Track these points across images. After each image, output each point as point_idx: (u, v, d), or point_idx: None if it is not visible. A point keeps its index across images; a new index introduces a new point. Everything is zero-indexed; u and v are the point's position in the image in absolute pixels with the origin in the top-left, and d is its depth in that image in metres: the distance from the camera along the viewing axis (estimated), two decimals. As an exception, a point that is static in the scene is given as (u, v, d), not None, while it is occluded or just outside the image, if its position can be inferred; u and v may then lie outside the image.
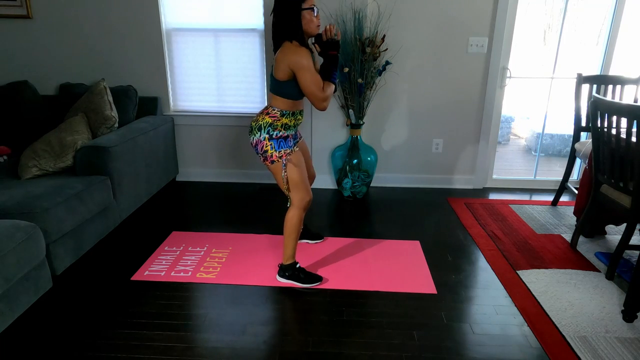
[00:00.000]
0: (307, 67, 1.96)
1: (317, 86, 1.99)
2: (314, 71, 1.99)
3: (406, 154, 3.63)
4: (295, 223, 2.16)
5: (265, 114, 2.10)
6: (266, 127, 2.07)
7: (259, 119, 2.10)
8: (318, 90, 1.99)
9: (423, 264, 2.44)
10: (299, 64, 1.95)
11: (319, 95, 2.00)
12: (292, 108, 2.12)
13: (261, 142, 2.09)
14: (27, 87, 3.12)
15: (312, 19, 2.01)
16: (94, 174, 2.57)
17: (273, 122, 2.08)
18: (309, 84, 1.98)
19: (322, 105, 2.04)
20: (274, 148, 2.07)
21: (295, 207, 2.15)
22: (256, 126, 2.10)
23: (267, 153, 2.09)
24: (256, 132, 2.09)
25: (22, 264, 1.80)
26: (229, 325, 1.93)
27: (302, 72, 1.96)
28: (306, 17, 1.99)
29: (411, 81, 3.43)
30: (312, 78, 1.97)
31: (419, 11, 3.25)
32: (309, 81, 1.97)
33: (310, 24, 2.01)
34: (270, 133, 2.07)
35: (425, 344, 1.82)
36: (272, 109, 2.10)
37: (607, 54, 3.34)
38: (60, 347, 1.79)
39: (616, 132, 2.15)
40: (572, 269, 2.38)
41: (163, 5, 3.34)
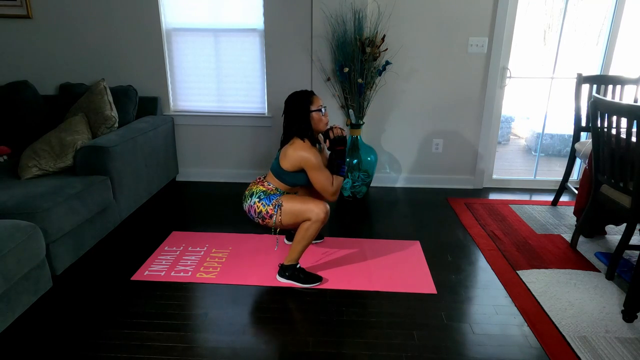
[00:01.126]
0: (318, 166, 2.10)
1: (328, 182, 2.13)
2: (324, 168, 2.14)
3: (406, 154, 3.63)
4: (310, 234, 2.14)
5: (260, 184, 2.20)
6: (257, 193, 2.16)
7: (252, 187, 2.20)
8: (329, 185, 2.13)
9: (423, 264, 2.44)
10: (311, 163, 2.09)
11: (330, 190, 2.14)
12: (288, 191, 2.22)
13: (252, 207, 2.15)
14: (27, 87, 3.12)
15: (320, 119, 2.16)
16: (94, 174, 2.56)
17: (266, 191, 2.16)
18: (321, 181, 2.12)
19: (332, 198, 2.17)
20: (265, 205, 2.13)
21: (313, 220, 2.10)
22: (249, 194, 2.19)
23: (261, 213, 2.14)
24: (248, 199, 2.18)
25: (22, 264, 1.81)
26: (229, 325, 1.93)
27: (314, 171, 2.10)
28: (315, 117, 2.15)
29: (411, 81, 3.43)
30: (324, 175, 2.12)
31: (419, 11, 3.25)
32: (321, 179, 2.12)
33: (319, 123, 2.17)
34: (260, 197, 2.14)
35: (425, 344, 1.82)
36: (267, 183, 2.20)
37: (607, 54, 3.34)
38: (60, 347, 1.79)
39: (616, 132, 2.15)
40: (572, 269, 2.38)
41: (163, 5, 3.34)
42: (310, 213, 2.08)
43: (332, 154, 2.23)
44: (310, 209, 2.08)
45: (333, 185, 2.14)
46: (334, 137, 2.21)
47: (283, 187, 2.20)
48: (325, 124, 2.19)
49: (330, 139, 2.22)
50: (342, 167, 2.20)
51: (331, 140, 2.22)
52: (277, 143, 3.60)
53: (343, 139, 2.21)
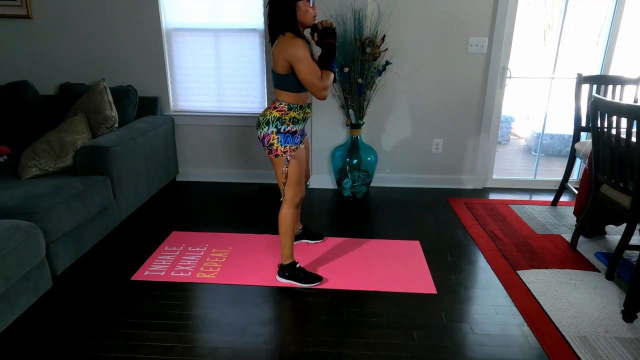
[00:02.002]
0: (304, 58, 1.93)
1: (315, 75, 1.96)
2: (310, 61, 1.96)
3: (406, 154, 3.63)
4: (289, 221, 2.16)
5: (273, 108, 2.08)
6: (274, 121, 2.06)
7: (267, 114, 2.08)
8: (316, 79, 1.97)
9: (423, 264, 2.44)
10: (295, 55, 1.93)
11: (318, 84, 1.97)
12: (299, 101, 2.09)
13: (268, 135, 2.07)
14: (27, 87, 3.12)
15: (307, 10, 1.98)
16: (94, 174, 2.56)
17: (281, 117, 2.06)
18: (307, 74, 1.95)
19: (321, 94, 2.00)
20: (280, 142, 2.06)
21: (288, 203, 2.15)
22: (264, 120, 2.08)
23: (272, 146, 2.07)
24: (264, 126, 2.08)
25: (22, 264, 1.80)
26: (229, 325, 1.93)
27: (298, 63, 1.94)
28: (302, 8, 1.97)
29: (411, 81, 3.43)
30: (310, 68, 1.95)
31: (419, 11, 3.25)
32: (306, 71, 1.95)
33: (306, 15, 1.99)
34: (278, 127, 2.06)
35: (425, 344, 1.82)
36: (279, 103, 2.08)
37: (607, 54, 3.34)
38: (60, 347, 1.79)
39: (616, 132, 2.15)
40: (572, 269, 2.38)
41: (163, 5, 3.34)
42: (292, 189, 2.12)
43: (322, 51, 2.06)
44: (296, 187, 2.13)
45: (322, 80, 1.98)
46: (323, 29, 2.04)
47: (292, 98, 2.06)
48: (313, 17, 2.01)
49: (319, 31, 2.05)
50: (331, 62, 2.04)
51: (319, 32, 2.05)
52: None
53: (332, 31, 2.04)
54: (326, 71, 2.01)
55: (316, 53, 2.15)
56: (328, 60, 2.03)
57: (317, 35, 2.06)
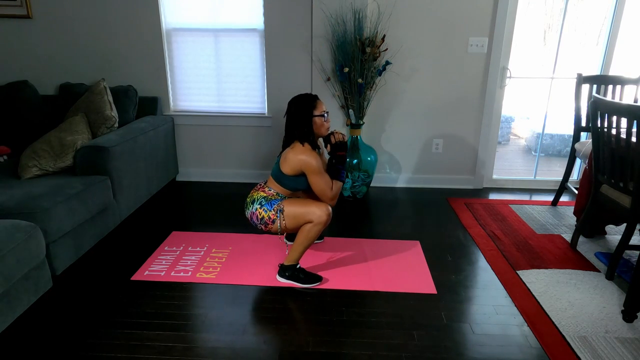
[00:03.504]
0: (318, 170, 2.10)
1: (327, 186, 2.14)
2: (324, 172, 2.14)
3: (406, 154, 3.63)
4: (312, 236, 2.14)
5: (261, 190, 2.19)
6: (259, 199, 2.16)
7: (254, 194, 2.19)
8: (328, 190, 2.14)
9: (423, 264, 2.44)
10: (311, 167, 2.09)
11: (329, 194, 2.15)
12: (289, 196, 2.22)
13: (254, 213, 2.15)
14: (27, 87, 3.12)
15: (322, 124, 2.17)
16: (94, 174, 2.56)
17: (267, 197, 2.16)
18: (321, 185, 2.13)
19: (331, 202, 2.17)
20: (267, 210, 2.13)
21: (315, 223, 2.11)
22: (250, 201, 2.19)
23: (264, 219, 2.14)
24: (249, 206, 2.18)
25: (22, 264, 1.80)
26: (229, 325, 1.93)
27: (314, 174, 2.11)
28: (317, 122, 2.15)
29: (411, 81, 3.43)
30: (323, 179, 2.13)
31: (419, 11, 3.25)
32: (321, 183, 2.12)
33: (321, 128, 2.17)
34: (261, 203, 2.14)
35: (425, 344, 1.82)
36: (268, 189, 2.20)
37: (607, 54, 3.34)
38: (60, 347, 1.79)
39: (616, 132, 2.15)
40: (572, 269, 2.38)
41: (163, 5, 3.34)
42: (312, 215, 2.08)
43: (332, 159, 2.24)
44: (312, 211, 2.08)
45: (332, 190, 2.15)
46: (335, 142, 2.22)
47: (284, 191, 2.20)
48: (327, 129, 2.20)
49: (332, 144, 2.23)
50: (341, 172, 2.22)
51: (332, 146, 2.23)
52: (277, 143, 3.60)
53: (344, 145, 2.23)
54: (336, 181, 2.19)
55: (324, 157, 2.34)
56: (339, 171, 2.22)
57: (330, 147, 2.24)
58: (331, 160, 2.24)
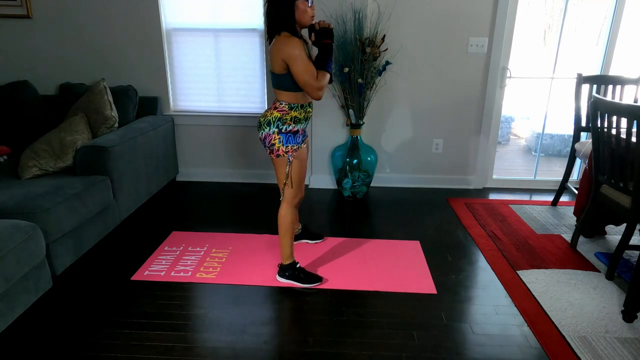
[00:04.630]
0: (299, 57, 1.92)
1: (310, 75, 1.95)
2: (306, 60, 1.95)
3: (406, 154, 3.63)
4: (288, 221, 2.16)
5: (274, 108, 2.07)
6: (275, 121, 2.05)
7: (268, 115, 2.08)
8: (312, 79, 1.95)
9: (423, 264, 2.44)
10: (291, 54, 1.92)
11: (314, 84, 1.96)
12: (300, 100, 2.08)
13: (269, 136, 2.06)
14: (27, 87, 3.12)
15: (306, 9, 1.97)
16: (94, 174, 2.56)
17: (282, 117, 2.05)
18: (302, 73, 1.94)
19: (317, 94, 1.99)
20: (281, 142, 2.06)
21: (287, 203, 2.15)
22: (265, 121, 2.07)
23: (274, 147, 2.07)
24: (265, 127, 2.07)
25: (22, 264, 1.80)
26: (229, 325, 1.93)
27: (294, 62, 1.93)
28: (300, 7, 1.95)
29: (411, 81, 3.43)
30: (305, 67, 1.94)
31: (419, 11, 3.25)
32: (302, 70, 1.93)
33: (304, 15, 1.97)
34: (279, 127, 2.05)
35: (425, 344, 1.82)
36: (279, 103, 2.07)
37: (607, 54, 3.34)
38: (60, 347, 1.79)
39: (616, 132, 2.15)
40: (572, 269, 2.38)
41: (163, 5, 3.34)
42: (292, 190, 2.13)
43: (318, 49, 2.05)
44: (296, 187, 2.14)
45: (318, 80, 1.97)
46: (320, 29, 2.04)
47: (292, 97, 2.06)
48: (311, 17, 2.00)
49: (316, 31, 2.04)
50: (328, 62, 2.03)
51: (317, 33, 2.04)
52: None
53: (330, 32, 2.04)
54: (322, 71, 2.00)
55: (313, 53, 2.14)
56: (325, 60, 2.02)
57: (315, 36, 2.06)
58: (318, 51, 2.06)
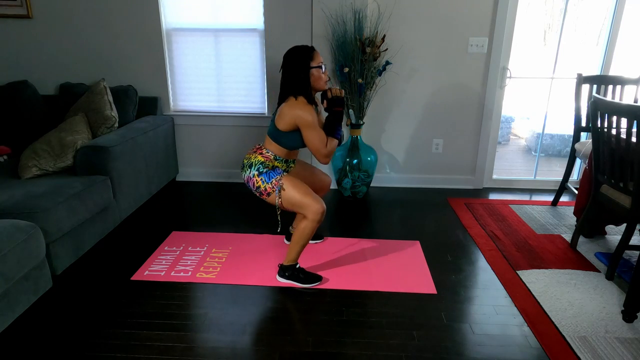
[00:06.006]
0: (313, 125, 2.03)
1: (322, 142, 2.06)
2: (319, 128, 2.06)
3: (406, 154, 3.63)
4: (307, 234, 2.13)
5: (259, 153, 2.16)
6: (257, 164, 2.13)
7: (251, 157, 2.15)
8: (322, 147, 2.07)
9: (423, 264, 2.44)
10: (305, 121, 2.02)
11: (323, 151, 2.08)
12: (286, 156, 2.19)
13: (252, 179, 2.13)
14: (27, 87, 3.12)
15: (320, 76, 2.08)
16: (94, 174, 2.57)
17: (265, 162, 2.13)
18: (315, 141, 2.05)
19: (325, 160, 2.11)
20: (265, 182, 2.10)
21: (310, 220, 2.09)
22: (247, 163, 2.15)
23: (260, 189, 2.12)
24: (247, 169, 2.15)
25: (22, 264, 1.81)
26: (229, 325, 1.93)
27: (307, 129, 2.03)
28: (314, 74, 2.07)
29: (411, 81, 3.43)
30: (318, 135, 2.05)
31: (419, 11, 3.25)
32: (314, 138, 2.05)
33: (319, 81, 2.09)
34: (259, 170, 2.11)
35: (425, 344, 1.82)
36: (265, 150, 2.16)
37: (607, 54, 3.34)
38: (60, 347, 1.79)
39: (616, 132, 2.15)
40: (572, 269, 2.38)
41: (163, 5, 3.34)
42: (307, 210, 2.07)
43: (329, 115, 2.15)
44: (308, 204, 2.06)
45: (327, 147, 2.07)
46: (332, 97, 2.12)
47: (281, 151, 2.15)
48: (325, 83, 2.11)
49: (328, 99, 2.13)
50: (338, 129, 2.13)
51: (329, 100, 2.13)
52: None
53: (341, 100, 2.13)
54: (331, 138, 2.11)
55: (322, 115, 2.26)
56: (335, 127, 2.13)
57: (327, 103, 2.15)
58: (328, 117, 2.15)
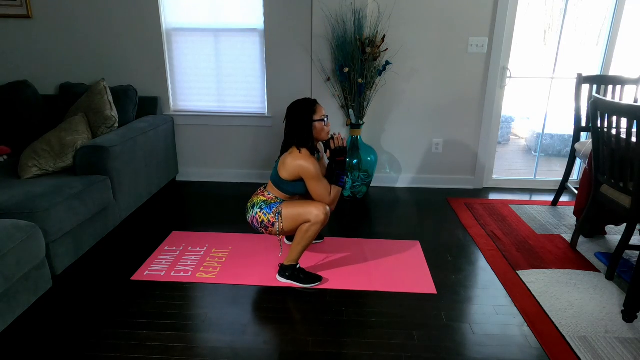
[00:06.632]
0: (317, 176, 2.09)
1: (326, 192, 2.13)
2: (322, 178, 2.13)
3: (406, 154, 3.63)
4: (310, 235, 2.14)
5: (261, 194, 2.21)
6: (259, 203, 2.17)
7: (254, 199, 2.21)
8: (326, 195, 2.13)
9: (423, 264, 2.44)
10: (309, 173, 2.08)
11: (327, 200, 2.13)
12: (288, 199, 2.22)
13: (254, 217, 2.16)
14: (27, 87, 3.12)
15: (322, 128, 2.16)
16: (94, 174, 2.57)
17: (267, 201, 2.17)
18: (318, 190, 2.11)
19: (329, 208, 2.14)
20: (266, 214, 2.14)
21: (312, 222, 2.11)
22: (250, 205, 2.20)
23: (263, 222, 2.15)
24: (250, 210, 2.19)
25: (22, 264, 1.81)
26: (229, 325, 1.93)
27: (311, 180, 2.10)
28: (317, 127, 2.14)
29: (411, 81, 3.43)
30: (322, 185, 2.12)
31: (419, 11, 3.25)
32: (319, 188, 2.11)
33: (322, 133, 2.16)
34: (261, 207, 2.15)
35: (425, 344, 1.82)
36: (267, 193, 2.20)
37: (607, 54, 3.34)
38: (60, 347, 1.79)
39: (616, 132, 2.15)
40: (572, 269, 2.38)
41: (163, 5, 3.34)
42: (309, 215, 2.08)
43: (331, 164, 2.21)
44: (310, 211, 2.08)
45: (331, 195, 2.14)
46: (335, 148, 2.20)
47: (283, 196, 2.20)
48: (327, 134, 2.19)
49: (331, 150, 2.21)
50: (341, 178, 2.19)
51: (332, 151, 2.20)
52: (277, 143, 3.60)
53: (344, 150, 2.20)
54: (335, 186, 2.18)
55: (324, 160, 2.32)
56: (338, 176, 2.20)
57: (330, 153, 2.21)
58: (330, 165, 2.22)
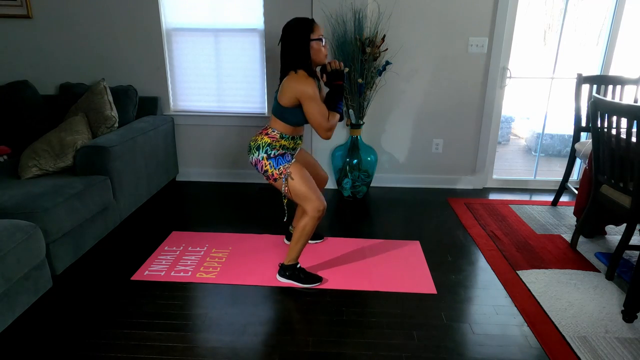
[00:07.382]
0: (314, 97, 1.99)
1: (323, 116, 2.03)
2: (320, 101, 2.03)
3: (406, 154, 3.63)
4: (307, 231, 2.14)
5: (265, 134, 2.14)
6: (264, 146, 2.11)
7: (258, 139, 2.14)
8: (324, 120, 2.03)
9: (423, 264, 2.44)
10: (306, 94, 1.99)
11: (324, 125, 2.04)
12: (292, 133, 2.16)
13: (260, 162, 2.12)
14: (27, 87, 3.12)
15: (320, 49, 2.05)
16: (94, 174, 2.57)
17: (272, 143, 2.11)
18: (316, 114, 2.01)
19: (326, 134, 2.07)
20: (273, 167, 2.10)
21: (309, 217, 2.10)
22: (254, 146, 2.14)
23: (267, 172, 2.12)
24: (254, 152, 2.13)
25: (22, 264, 1.81)
26: (229, 325, 1.93)
27: (308, 102, 2.00)
28: (314, 47, 2.03)
29: (411, 81, 3.43)
30: (319, 108, 2.01)
31: (419, 11, 3.25)
32: (315, 111, 2.01)
33: (319, 54, 2.06)
34: (268, 152, 2.10)
35: (425, 344, 1.82)
36: (271, 130, 2.14)
37: (607, 54, 3.34)
38: (60, 347, 1.79)
39: (616, 132, 2.15)
40: (572, 269, 2.38)
41: (163, 5, 3.34)
42: (309, 204, 2.07)
43: (329, 90, 2.13)
44: (312, 199, 2.07)
45: (328, 121, 2.04)
46: (332, 71, 2.10)
47: (286, 129, 2.12)
48: (325, 56, 2.09)
49: (328, 73, 2.11)
50: (339, 103, 2.10)
51: (328, 74, 2.11)
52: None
53: (341, 73, 2.11)
54: (333, 112, 2.08)
55: (323, 90, 2.22)
56: (336, 101, 2.11)
57: (326, 77, 2.13)
58: (328, 91, 2.13)
